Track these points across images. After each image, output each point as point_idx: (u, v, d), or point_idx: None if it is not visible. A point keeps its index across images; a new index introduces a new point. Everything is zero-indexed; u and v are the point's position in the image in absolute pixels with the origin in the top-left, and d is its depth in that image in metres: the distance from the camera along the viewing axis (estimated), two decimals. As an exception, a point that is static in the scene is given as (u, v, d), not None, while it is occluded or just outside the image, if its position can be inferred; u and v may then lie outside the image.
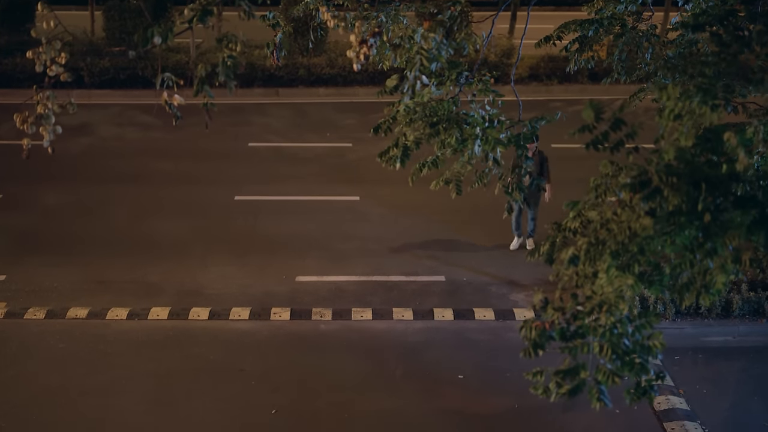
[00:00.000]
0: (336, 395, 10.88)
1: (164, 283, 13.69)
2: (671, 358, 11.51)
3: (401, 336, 12.31)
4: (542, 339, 5.54)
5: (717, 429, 10.31)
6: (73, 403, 10.67)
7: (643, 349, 5.42)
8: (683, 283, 5.56)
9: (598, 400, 5.42)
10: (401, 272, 14.05)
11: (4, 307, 12.94)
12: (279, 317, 12.73)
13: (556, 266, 6.08)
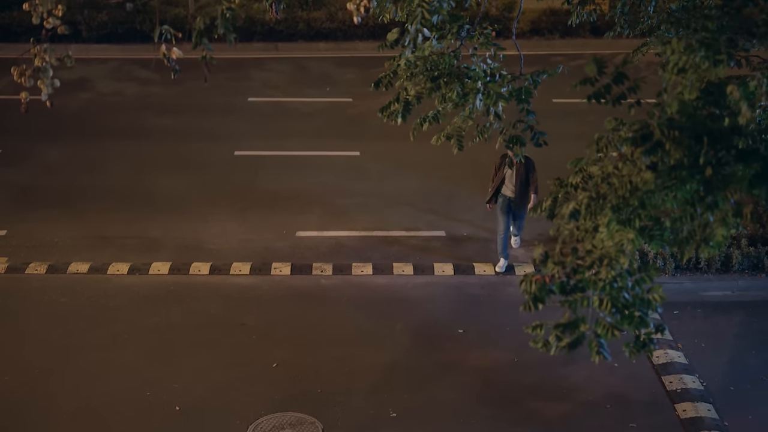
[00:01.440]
0: (336, 349, 10.95)
1: (165, 238, 13.71)
2: (670, 312, 11.57)
3: (401, 291, 12.36)
4: (542, 293, 5.56)
5: (715, 382, 10.40)
6: (75, 357, 10.75)
7: (642, 303, 5.44)
8: (683, 237, 5.56)
9: (597, 354, 5.45)
10: (401, 227, 14.06)
11: (5, 262, 12.98)
12: (279, 272, 12.77)
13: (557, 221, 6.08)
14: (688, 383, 10.33)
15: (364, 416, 9.74)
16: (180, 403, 9.90)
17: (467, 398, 10.06)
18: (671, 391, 10.23)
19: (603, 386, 10.26)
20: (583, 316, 5.48)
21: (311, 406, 9.87)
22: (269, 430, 9.50)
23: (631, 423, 9.67)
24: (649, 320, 5.53)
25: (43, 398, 9.97)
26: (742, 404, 10.02)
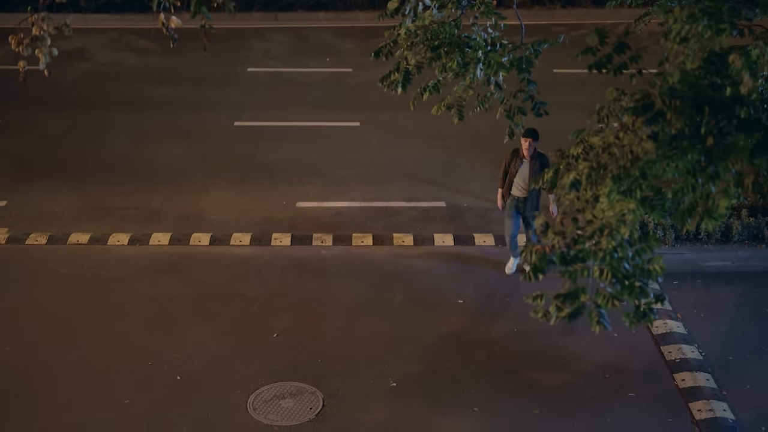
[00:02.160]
0: (336, 319, 10.98)
1: (165, 208, 13.71)
2: (670, 283, 11.58)
3: (401, 261, 12.37)
4: (543, 263, 5.57)
5: (714, 352, 10.43)
6: (77, 327, 10.78)
7: (643, 273, 5.45)
8: (685, 208, 5.56)
9: (597, 324, 5.47)
10: (402, 198, 14.05)
11: (5, 233, 12.98)
12: (280, 243, 12.78)
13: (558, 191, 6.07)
14: (687, 353, 10.36)
15: (364, 386, 9.78)
16: (181, 373, 9.95)
17: (467, 368, 10.10)
18: (670, 360, 10.27)
19: (602, 356, 10.29)
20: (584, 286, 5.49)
21: (311, 375, 9.91)
22: (270, 399, 9.55)
23: (630, 392, 9.71)
24: (649, 290, 5.54)
25: (44, 368, 10.01)
26: (740, 374, 10.05)
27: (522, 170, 11.51)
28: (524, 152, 11.39)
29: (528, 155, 11.45)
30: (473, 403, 9.47)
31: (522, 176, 11.52)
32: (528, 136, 11.31)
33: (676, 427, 9.18)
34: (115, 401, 9.47)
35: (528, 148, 11.38)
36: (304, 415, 9.33)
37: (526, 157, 11.44)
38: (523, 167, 11.49)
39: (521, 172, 11.52)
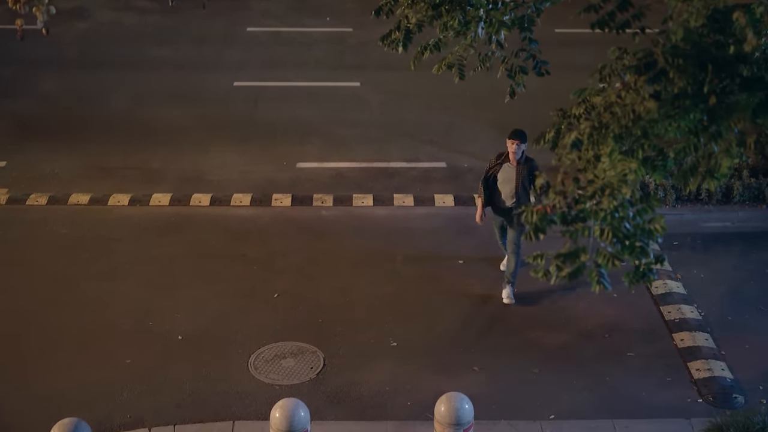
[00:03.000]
0: (337, 280, 11.00)
1: (165, 169, 13.68)
2: (670, 243, 11.59)
3: (402, 222, 12.37)
4: (543, 223, 5.54)
5: (713, 312, 10.47)
6: (78, 288, 10.81)
7: (643, 233, 5.43)
8: (687, 168, 5.53)
9: (597, 283, 5.46)
10: (402, 158, 14.02)
11: (5, 193, 12.97)
12: (280, 203, 12.77)
13: (559, 151, 6.03)
14: (686, 313, 10.40)
15: (365, 346, 9.83)
16: (182, 333, 9.99)
17: (466, 328, 10.14)
18: (669, 320, 10.31)
19: (601, 316, 10.34)
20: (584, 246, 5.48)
21: (312, 335, 9.96)
22: (271, 359, 9.61)
23: (629, 352, 9.77)
24: (650, 250, 5.53)
25: (47, 328, 10.05)
26: (739, 334, 10.10)
27: (508, 177, 10.26)
28: (510, 156, 10.20)
29: (515, 159, 10.21)
30: (473, 362, 9.53)
31: (508, 184, 10.27)
32: (515, 138, 10.16)
33: (675, 386, 9.24)
34: (116, 360, 9.52)
35: (515, 151, 10.15)
36: (305, 374, 9.38)
37: (513, 162, 10.22)
38: (510, 173, 10.26)
39: (507, 179, 10.27)
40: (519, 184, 10.20)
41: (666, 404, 8.97)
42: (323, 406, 8.87)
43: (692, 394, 9.14)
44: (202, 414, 8.75)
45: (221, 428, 8.52)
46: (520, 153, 10.19)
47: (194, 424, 8.57)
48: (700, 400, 9.07)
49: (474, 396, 8.14)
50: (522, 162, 10.23)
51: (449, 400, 7.83)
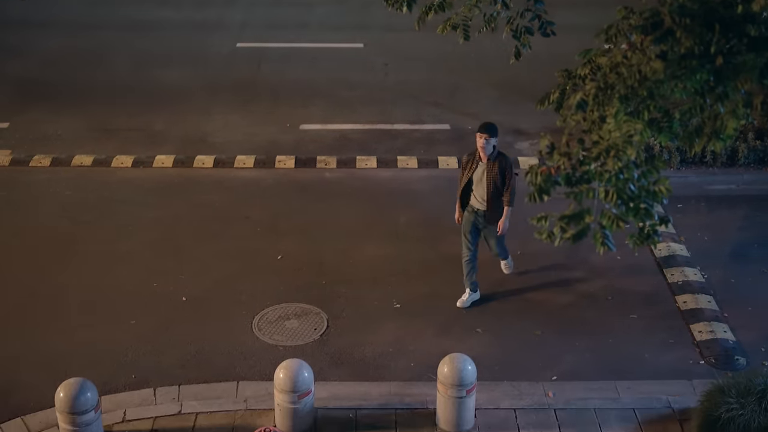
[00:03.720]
0: (340, 241, 11.01)
1: (168, 131, 13.65)
2: (674, 206, 11.56)
3: (406, 184, 12.35)
4: (548, 184, 5.52)
5: (716, 275, 10.48)
6: (82, 249, 10.83)
7: (648, 195, 5.41)
8: (693, 129, 5.50)
9: (602, 245, 5.45)
10: (406, 120, 13.97)
11: (9, 155, 12.95)
12: (284, 165, 12.75)
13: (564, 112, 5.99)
14: (689, 275, 10.41)
15: (368, 307, 9.86)
16: (186, 294, 10.03)
17: (470, 290, 10.17)
18: (672, 283, 10.32)
19: (605, 278, 10.35)
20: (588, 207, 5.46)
21: (316, 297, 9.99)
22: (274, 320, 9.64)
23: (632, 314, 9.79)
24: (654, 212, 5.51)
25: (52, 289, 10.09)
26: (742, 296, 10.11)
27: (479, 175, 9.36)
28: (479, 151, 9.30)
29: (484, 155, 9.28)
30: (476, 324, 9.56)
31: (480, 183, 9.37)
32: (482, 131, 9.25)
33: (677, 348, 9.27)
34: (121, 321, 9.57)
35: (483, 146, 9.23)
36: (309, 335, 9.43)
37: (483, 159, 9.31)
38: (479, 171, 9.36)
39: (478, 178, 9.37)
40: (490, 184, 9.27)
41: (668, 366, 9.01)
42: (327, 367, 8.92)
43: (694, 356, 9.18)
44: (206, 374, 8.80)
45: (225, 388, 8.58)
46: (490, 148, 9.25)
47: (198, 384, 8.63)
48: (702, 361, 9.11)
49: (477, 357, 8.19)
50: (493, 159, 9.27)
51: (452, 361, 7.88)
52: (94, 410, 7.58)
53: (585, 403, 8.40)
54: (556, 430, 8.07)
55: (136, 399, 8.45)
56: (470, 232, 9.68)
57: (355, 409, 8.29)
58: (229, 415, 8.20)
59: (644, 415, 8.25)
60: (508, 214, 9.41)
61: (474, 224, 9.62)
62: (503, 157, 9.38)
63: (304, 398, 7.88)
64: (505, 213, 9.41)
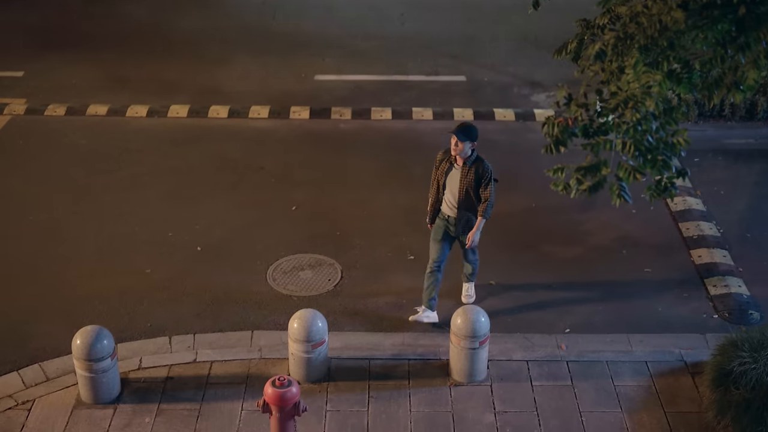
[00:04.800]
0: (355, 193, 11.00)
1: (182, 81, 13.61)
2: (691, 160, 11.48)
3: (420, 136, 12.30)
4: (564, 135, 5.50)
5: (731, 229, 10.42)
6: (98, 198, 10.87)
7: (666, 147, 5.38)
8: (713, 80, 5.44)
9: (618, 197, 5.44)
10: (421, 71, 13.87)
11: (24, 103, 12.96)
12: (298, 116, 12.70)
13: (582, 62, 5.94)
14: (704, 230, 10.36)
15: (382, 258, 9.88)
16: (201, 244, 10.06)
17: (484, 242, 10.08)
18: (687, 237, 10.28)
19: (619, 232, 10.32)
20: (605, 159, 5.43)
21: (330, 247, 10.01)
22: (289, 270, 9.68)
23: (646, 268, 9.77)
24: (672, 164, 5.48)
25: (67, 237, 10.14)
26: (757, 251, 10.07)
27: (451, 179, 8.40)
28: (452, 152, 8.33)
29: (460, 159, 8.29)
30: (490, 276, 9.56)
31: (451, 188, 8.41)
32: (455, 134, 8.25)
33: (691, 302, 9.26)
34: (137, 270, 9.62)
35: (455, 147, 8.25)
36: (323, 286, 9.46)
37: (458, 162, 8.35)
38: (453, 175, 8.40)
39: (450, 182, 8.40)
40: (462, 191, 8.32)
41: (681, 319, 9.01)
42: (340, 318, 8.97)
43: (708, 310, 9.17)
44: (221, 323, 8.86)
45: (240, 337, 8.64)
46: (466, 152, 8.25)
47: (213, 333, 8.70)
48: (715, 315, 9.10)
49: (490, 309, 8.21)
50: (469, 164, 8.27)
51: (465, 312, 7.90)
52: (111, 357, 7.66)
53: (597, 356, 8.42)
54: (569, 382, 8.11)
55: (151, 347, 8.53)
56: (440, 240, 8.63)
57: (368, 359, 8.34)
58: (243, 363, 8.27)
59: (656, 368, 8.27)
60: (480, 225, 8.44)
61: (446, 231, 8.61)
62: (481, 163, 8.29)
63: (318, 348, 7.94)
64: (477, 224, 8.42)
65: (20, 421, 7.57)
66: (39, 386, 7.98)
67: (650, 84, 5.29)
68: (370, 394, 7.92)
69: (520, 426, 7.60)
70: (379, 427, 7.58)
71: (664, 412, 7.76)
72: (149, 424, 7.56)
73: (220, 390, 7.93)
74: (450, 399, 7.88)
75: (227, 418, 7.64)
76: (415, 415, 7.70)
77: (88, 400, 7.75)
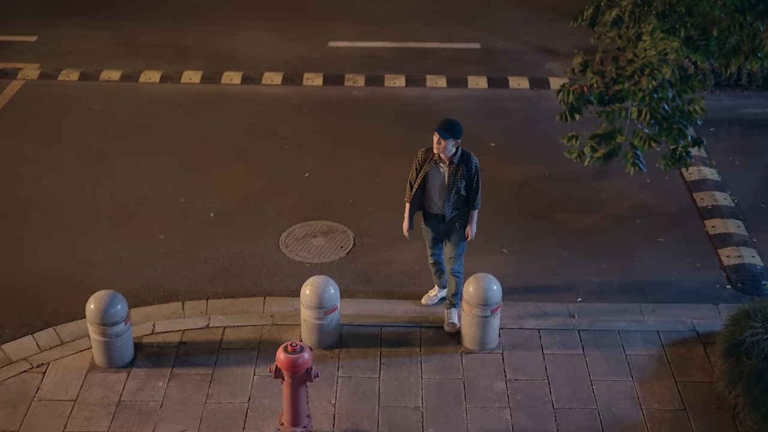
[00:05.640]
0: (368, 160, 10.98)
1: (196, 46, 13.56)
2: (706, 129, 11.40)
3: (434, 103, 12.24)
4: (579, 103, 5.47)
5: (746, 200, 10.37)
6: (111, 164, 10.88)
7: (682, 115, 5.34)
8: (731, 47, 5.38)
9: (632, 165, 5.41)
10: (435, 39, 13.77)
11: (37, 68, 12.95)
12: (311, 83, 12.66)
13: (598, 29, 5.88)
14: (719, 200, 10.31)
15: (395, 226, 9.82)
16: (214, 210, 10.08)
17: (497, 211, 10.13)
18: (701, 207, 10.23)
19: (633, 201, 10.28)
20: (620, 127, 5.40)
21: (342, 215, 10.01)
22: (301, 237, 9.69)
23: (660, 237, 9.74)
24: (688, 133, 5.44)
25: (81, 203, 10.17)
26: (772, 221, 10.03)
27: (438, 179, 7.92)
28: (435, 150, 7.82)
29: (446, 158, 7.78)
30: (502, 244, 9.55)
31: (438, 188, 7.95)
32: (436, 130, 7.74)
33: (704, 272, 9.24)
34: (150, 235, 9.66)
35: (437, 145, 7.74)
36: (335, 253, 9.48)
37: (443, 161, 7.84)
38: (437, 174, 7.91)
39: (437, 183, 7.94)
40: (451, 190, 7.89)
41: (694, 289, 8.99)
42: (352, 285, 8.98)
43: (721, 280, 9.14)
44: (233, 289, 8.90)
45: (252, 303, 8.68)
46: (451, 150, 7.76)
47: (226, 299, 8.73)
48: (728, 286, 9.07)
49: (502, 277, 8.21)
50: (457, 161, 7.81)
51: (478, 280, 7.90)
52: (124, 322, 7.71)
53: (609, 325, 8.42)
54: (580, 350, 8.12)
55: (164, 312, 8.57)
56: (432, 239, 8.30)
57: (380, 326, 8.37)
58: (255, 329, 8.31)
59: (668, 338, 8.26)
60: (474, 217, 8.10)
61: (435, 240, 8.27)
62: (469, 158, 7.84)
63: (330, 315, 7.96)
64: (473, 217, 8.09)
65: (35, 383, 7.65)
66: (53, 350, 8.05)
67: (667, 51, 5.24)
68: (381, 361, 7.95)
69: (531, 394, 7.63)
70: (390, 393, 7.62)
71: (675, 381, 7.77)
72: (162, 388, 7.62)
73: (232, 355, 7.98)
74: (461, 366, 7.90)
75: (239, 383, 7.69)
76: (426, 382, 7.73)
77: (102, 363, 7.82)
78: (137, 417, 7.34)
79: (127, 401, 7.49)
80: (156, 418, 7.33)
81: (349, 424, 7.32)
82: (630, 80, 5.31)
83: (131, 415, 7.36)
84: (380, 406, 7.49)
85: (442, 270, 8.53)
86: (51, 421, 7.29)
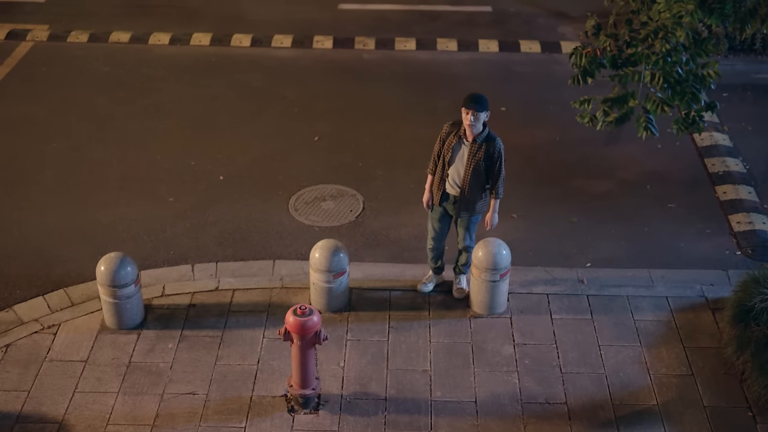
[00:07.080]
0: (377, 124, 10.94)
1: (205, 8, 13.48)
2: (719, 95, 11.30)
3: (444, 67, 12.16)
4: (592, 66, 5.42)
5: (758, 166, 10.31)
6: (121, 126, 10.87)
7: (696, 79, 5.29)
8: (746, 11, 5.31)
9: (645, 129, 5.37)
10: (446, 1, 13.66)
11: (46, 30, 12.90)
12: (321, 45, 12.58)
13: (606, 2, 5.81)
14: (730, 166, 10.25)
15: (404, 190, 9.85)
16: (223, 173, 10.07)
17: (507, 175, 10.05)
18: (713, 173, 10.18)
19: (644, 166, 10.23)
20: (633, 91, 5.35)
21: (352, 179, 9.99)
22: (311, 201, 9.69)
23: (670, 203, 9.70)
24: (702, 97, 5.39)
25: (90, 164, 10.18)
26: (784, 188, 9.97)
27: (459, 155, 7.64)
28: (467, 130, 7.51)
29: (471, 134, 7.50)
30: (512, 209, 9.52)
31: (457, 165, 7.67)
32: (469, 106, 7.36)
33: (714, 238, 9.21)
34: (160, 198, 9.66)
35: (471, 124, 7.41)
36: (345, 216, 9.47)
37: (468, 138, 7.54)
38: (461, 151, 7.62)
39: (457, 159, 7.65)
40: (469, 170, 7.59)
41: (704, 255, 8.96)
42: (362, 248, 8.99)
43: (731, 246, 9.11)
44: (243, 252, 8.91)
45: (262, 266, 8.69)
46: (479, 126, 7.45)
47: (236, 262, 8.75)
48: (738, 252, 9.05)
49: (511, 242, 8.19)
50: (480, 140, 7.49)
51: (487, 245, 7.89)
52: (134, 284, 7.74)
53: (618, 291, 8.42)
54: (589, 316, 8.12)
55: (174, 274, 8.60)
56: (439, 220, 8.06)
57: (388, 290, 8.39)
58: (265, 292, 8.33)
59: (677, 304, 8.26)
60: (496, 207, 7.86)
61: (444, 211, 8.00)
62: (493, 142, 7.52)
63: (339, 278, 7.98)
64: (493, 206, 7.84)
65: (46, 344, 7.70)
66: (64, 311, 8.09)
67: (681, 14, 5.17)
68: (390, 324, 7.98)
69: (539, 358, 7.65)
70: (398, 356, 7.65)
71: (683, 346, 7.77)
72: (172, 349, 7.67)
73: (242, 318, 8.02)
74: (470, 330, 7.92)
75: (249, 345, 7.73)
76: (434, 346, 7.76)
77: (112, 325, 7.87)
78: (147, 378, 7.39)
79: (138, 362, 7.54)
80: (166, 379, 7.38)
81: (358, 386, 7.36)
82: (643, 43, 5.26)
83: (141, 376, 7.42)
84: (389, 369, 7.53)
85: (439, 256, 8.30)
86: (62, 382, 7.35)
